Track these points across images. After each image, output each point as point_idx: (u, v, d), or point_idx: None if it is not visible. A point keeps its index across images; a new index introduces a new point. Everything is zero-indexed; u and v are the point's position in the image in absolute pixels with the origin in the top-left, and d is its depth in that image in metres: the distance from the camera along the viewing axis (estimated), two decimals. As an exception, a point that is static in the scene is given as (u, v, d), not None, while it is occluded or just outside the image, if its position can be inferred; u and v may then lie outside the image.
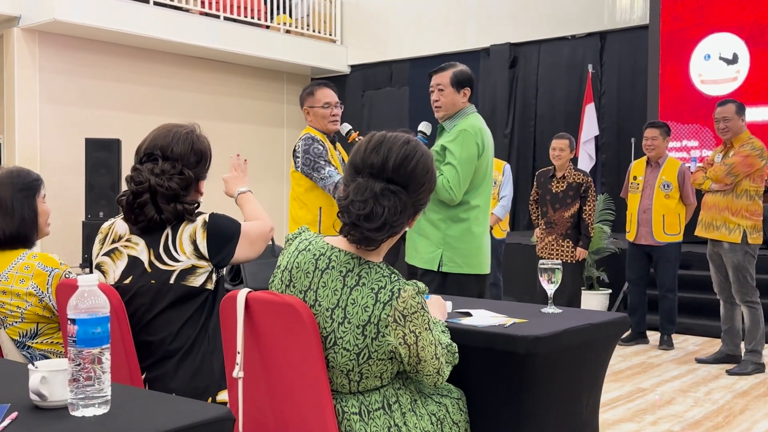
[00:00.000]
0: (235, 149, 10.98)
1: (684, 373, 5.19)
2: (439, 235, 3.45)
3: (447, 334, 2.07)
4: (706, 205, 5.24)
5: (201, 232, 2.11)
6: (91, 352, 1.35)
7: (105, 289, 2.06)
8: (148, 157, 2.18)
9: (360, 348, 1.78)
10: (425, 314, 1.81)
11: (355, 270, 1.82)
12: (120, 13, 8.96)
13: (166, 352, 2.07)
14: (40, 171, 8.67)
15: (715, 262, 5.29)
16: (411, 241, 3.60)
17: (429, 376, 1.88)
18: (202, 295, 2.10)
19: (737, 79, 8.13)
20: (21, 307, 2.33)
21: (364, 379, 1.82)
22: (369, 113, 11.60)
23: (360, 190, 1.80)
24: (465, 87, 3.53)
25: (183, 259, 2.08)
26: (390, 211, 1.79)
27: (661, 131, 5.94)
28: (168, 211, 2.11)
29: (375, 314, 1.77)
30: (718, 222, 5.12)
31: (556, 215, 5.92)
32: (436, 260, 3.45)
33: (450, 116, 3.56)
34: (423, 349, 1.81)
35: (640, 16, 9.03)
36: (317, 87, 3.80)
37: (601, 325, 2.42)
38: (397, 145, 1.84)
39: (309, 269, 1.87)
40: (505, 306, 2.70)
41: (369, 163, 1.82)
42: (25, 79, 8.90)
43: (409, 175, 1.83)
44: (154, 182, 2.10)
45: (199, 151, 2.23)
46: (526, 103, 10.03)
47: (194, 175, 2.20)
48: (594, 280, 7.12)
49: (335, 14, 11.72)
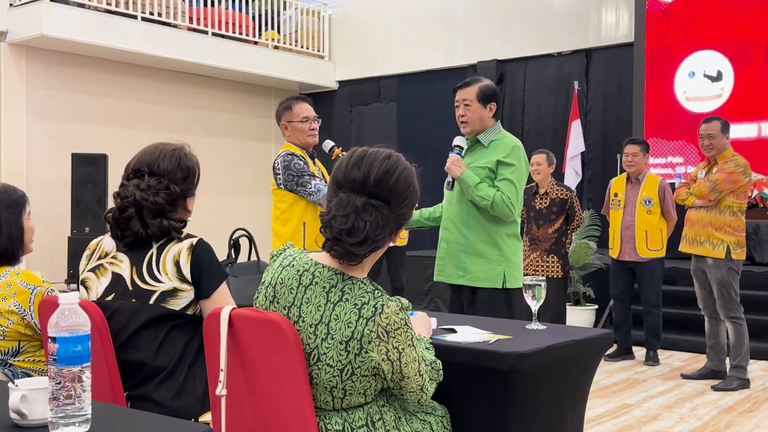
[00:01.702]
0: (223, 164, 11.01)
1: (670, 389, 5.20)
2: (498, 252, 3.42)
3: (431, 351, 2.07)
4: (690, 220, 5.27)
5: (186, 254, 2.09)
6: (71, 370, 1.34)
7: (88, 305, 2.05)
8: (135, 173, 2.18)
9: (343, 364, 1.78)
10: (408, 330, 1.81)
11: (338, 286, 1.82)
12: (108, 28, 8.97)
13: (148, 372, 2.05)
14: (27, 186, 8.64)
15: (699, 277, 5.32)
16: (452, 259, 3.51)
17: (412, 393, 1.87)
18: (183, 318, 2.08)
19: (721, 96, 8.22)
20: (2, 324, 2.32)
21: (348, 395, 1.82)
22: (357, 129, 11.63)
23: (342, 205, 1.81)
24: (491, 102, 3.51)
25: (165, 281, 2.06)
26: (372, 226, 1.80)
27: (641, 147, 5.98)
28: (154, 226, 2.10)
29: (358, 330, 1.77)
30: (702, 237, 5.16)
31: (540, 231, 5.95)
32: (500, 277, 3.41)
33: (479, 131, 3.52)
34: (406, 366, 1.81)
35: (626, 34, 9.12)
36: (294, 101, 3.79)
37: (584, 341, 2.43)
38: (378, 160, 1.85)
39: (293, 285, 1.87)
40: (490, 322, 2.71)
41: (351, 178, 1.84)
42: (11, 94, 8.88)
43: (391, 190, 1.84)
44: (139, 197, 2.10)
45: (186, 167, 2.22)
46: (513, 119, 10.08)
47: (181, 191, 2.18)
48: (580, 296, 7.14)
49: (323, 30, 11.77)
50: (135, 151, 2.29)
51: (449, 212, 3.56)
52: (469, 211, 3.46)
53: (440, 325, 2.56)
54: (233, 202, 10.58)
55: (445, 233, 3.56)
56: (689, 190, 5.27)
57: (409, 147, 10.82)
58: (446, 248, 3.54)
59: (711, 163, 5.24)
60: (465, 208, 3.47)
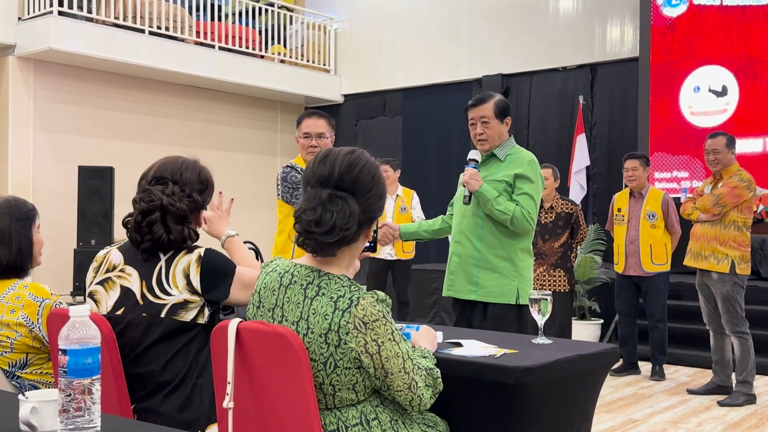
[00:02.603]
0: (229, 177, 11.04)
1: (676, 404, 5.18)
2: (512, 267, 3.39)
3: (430, 360, 2.06)
4: (695, 235, 5.27)
5: (195, 266, 2.11)
6: (81, 382, 1.35)
7: (96, 319, 2.06)
8: (157, 180, 2.21)
9: (325, 357, 1.81)
10: (388, 324, 1.83)
11: (315, 282, 1.88)
12: (115, 42, 9.03)
13: (156, 385, 2.06)
14: (33, 198, 8.68)
15: (704, 292, 5.31)
16: (464, 273, 3.47)
17: (400, 393, 1.87)
18: (194, 330, 2.10)
19: (726, 111, 8.23)
20: (11, 337, 2.33)
21: (338, 391, 1.84)
22: (362, 142, 11.65)
23: (310, 199, 1.89)
24: (507, 116, 3.49)
25: (175, 293, 2.08)
26: (339, 216, 1.86)
27: (641, 162, 5.98)
28: (177, 232, 2.13)
29: (335, 321, 1.81)
30: (707, 252, 5.15)
31: (546, 246, 5.95)
32: (513, 293, 3.38)
33: (496, 146, 3.49)
34: (387, 360, 1.82)
35: (630, 49, 9.15)
36: (304, 117, 3.79)
37: (591, 356, 2.42)
38: (342, 155, 1.93)
39: (275, 287, 1.93)
40: (496, 336, 2.71)
41: (317, 174, 1.92)
42: (19, 107, 8.94)
43: (355, 181, 1.91)
44: (166, 201, 2.14)
45: (205, 179, 2.30)
46: (519, 133, 10.10)
47: (201, 201, 2.26)
48: (586, 310, 7.13)
49: (329, 44, 11.83)
50: (142, 164, 2.32)
51: (462, 226, 3.50)
52: (484, 225, 3.42)
53: (446, 338, 2.56)
54: (239, 215, 10.54)
55: (457, 247, 3.50)
56: (694, 205, 5.27)
57: (415, 160, 10.86)
58: (458, 262, 3.49)
59: (717, 178, 5.25)
60: (479, 222, 3.43)
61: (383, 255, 7.11)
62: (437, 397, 2.03)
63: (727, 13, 8.21)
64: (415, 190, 7.39)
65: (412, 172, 10.68)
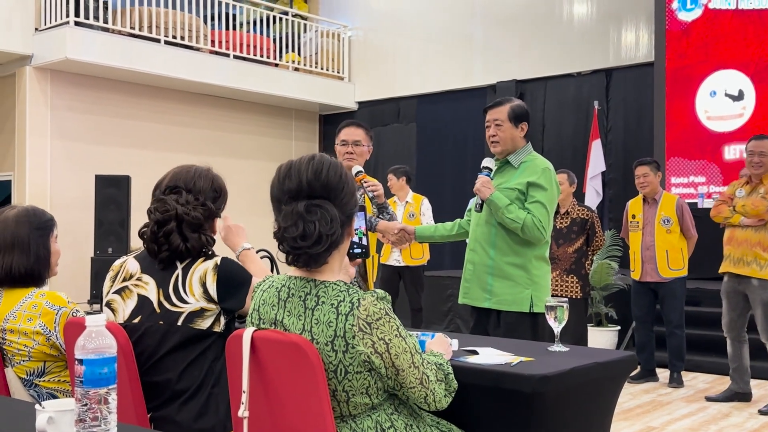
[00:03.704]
0: (244, 185, 11.08)
1: (694, 411, 5.14)
2: (526, 275, 3.38)
3: (440, 357, 2.05)
4: (736, 240, 5.12)
5: (212, 275, 2.12)
6: (97, 392, 1.35)
7: (113, 328, 2.07)
8: (170, 189, 2.23)
9: (335, 364, 1.81)
10: (392, 320, 1.83)
11: (312, 292, 1.88)
12: (131, 51, 9.10)
13: (172, 393, 2.06)
14: (50, 207, 8.74)
15: (731, 299, 5.19)
16: (478, 281, 3.47)
17: (413, 389, 1.86)
18: (210, 338, 2.10)
19: (743, 116, 8.16)
20: (28, 345, 2.34)
21: (352, 397, 1.83)
22: (376, 149, 11.61)
23: (287, 216, 1.88)
24: (522, 121, 3.46)
25: (192, 301, 2.08)
26: (321, 224, 1.86)
27: (651, 167, 5.94)
28: (194, 240, 2.14)
29: (339, 327, 1.80)
30: (749, 258, 5.03)
31: (560, 251, 5.92)
32: (526, 301, 3.36)
33: (510, 151, 3.48)
34: (397, 357, 1.82)
35: (645, 54, 9.11)
36: (343, 126, 3.83)
37: (608, 363, 2.40)
38: (305, 165, 1.92)
39: (273, 302, 1.93)
40: (512, 344, 2.69)
41: (286, 190, 1.91)
42: (36, 116, 9.02)
43: (325, 186, 1.90)
44: (180, 211, 2.15)
45: (218, 188, 2.30)
46: (534, 138, 10.05)
47: (215, 209, 2.27)
48: (602, 317, 7.08)
49: (343, 52, 11.86)
50: (158, 173, 2.33)
51: (476, 233, 3.51)
52: (497, 232, 3.41)
53: (462, 346, 2.55)
54: (255, 223, 10.54)
55: (472, 255, 3.51)
56: (734, 209, 5.12)
57: (429, 167, 10.86)
58: (472, 270, 3.49)
59: (755, 183, 5.12)
60: (493, 230, 3.42)
61: (391, 261, 7.11)
62: (452, 404, 2.02)
63: (742, 16, 8.15)
64: (428, 197, 7.39)
65: (427, 178, 10.67)
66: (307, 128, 12.10)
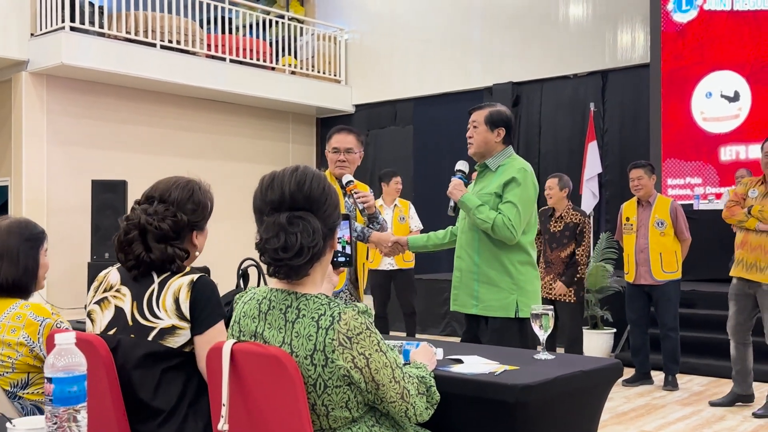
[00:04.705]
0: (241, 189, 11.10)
1: (688, 415, 5.13)
2: (511, 280, 3.38)
3: (423, 370, 2.05)
4: (749, 244, 5.03)
5: (186, 291, 2.07)
6: (67, 410, 1.35)
7: (95, 339, 2.06)
8: (146, 199, 2.21)
9: (314, 378, 1.80)
10: (372, 335, 1.83)
11: (293, 305, 1.87)
12: (127, 56, 9.10)
13: (148, 412, 2.04)
14: (47, 212, 8.75)
15: (740, 302, 5.13)
16: (465, 287, 3.50)
17: (394, 404, 1.86)
18: (180, 357, 2.06)
19: (739, 117, 8.17)
20: (12, 357, 2.34)
21: (331, 411, 1.83)
22: (374, 152, 11.67)
23: (269, 228, 1.87)
24: (499, 127, 3.48)
25: (164, 317, 2.05)
26: (303, 236, 1.85)
27: (645, 170, 5.93)
28: (157, 250, 2.09)
29: (319, 341, 1.80)
30: (763, 264, 4.95)
31: (553, 255, 5.92)
32: (512, 307, 3.37)
33: (485, 154, 3.51)
34: (377, 372, 1.81)
35: (641, 55, 9.11)
36: (333, 132, 3.83)
37: (592, 371, 2.40)
38: (288, 176, 1.92)
39: (254, 315, 1.93)
40: (498, 352, 2.69)
41: (269, 201, 1.90)
42: (33, 121, 9.02)
43: (308, 198, 1.90)
44: (144, 220, 2.11)
45: (198, 200, 2.22)
46: (530, 141, 10.07)
47: (189, 221, 2.18)
48: (598, 320, 7.08)
49: (340, 55, 11.86)
50: (155, 177, 2.31)
51: (461, 240, 3.54)
52: (480, 239, 3.43)
53: (447, 354, 2.54)
54: (250, 227, 10.57)
55: (459, 262, 3.54)
56: (749, 212, 5.02)
57: (426, 169, 10.86)
58: (460, 277, 3.52)
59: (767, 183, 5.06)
60: (476, 236, 3.45)
61: (384, 266, 7.08)
62: (436, 415, 2.02)
63: (737, 17, 8.15)
64: (424, 199, 7.39)
65: (423, 181, 10.68)
66: (305, 131, 12.11)
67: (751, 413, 5.08)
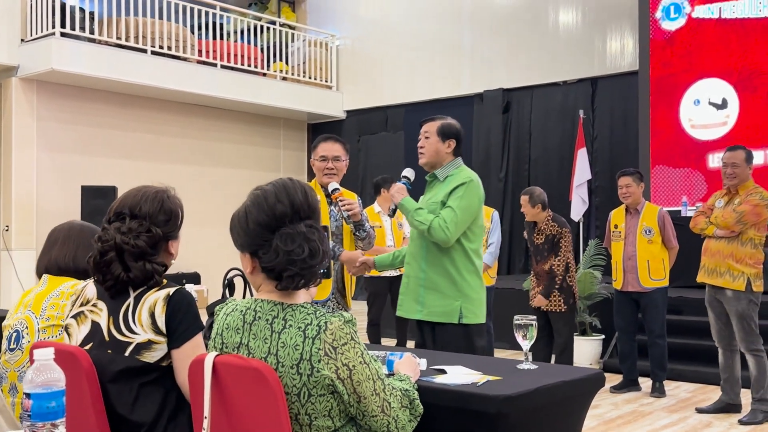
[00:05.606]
0: (232, 194, 11.08)
1: (675, 422, 5.15)
2: (455, 287, 3.45)
3: (407, 383, 2.07)
4: (709, 251, 5.17)
5: (162, 305, 2.06)
6: (45, 425, 1.36)
7: (77, 351, 2.06)
8: (117, 216, 2.17)
9: (298, 388, 1.81)
10: (357, 346, 1.84)
11: (280, 315, 1.89)
12: (118, 62, 9.11)
13: (128, 425, 2.03)
14: (36, 218, 8.73)
15: (715, 308, 5.22)
16: (411, 293, 3.57)
17: (375, 417, 1.87)
18: (156, 372, 2.06)
19: (727, 124, 8.22)
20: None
21: (314, 420, 1.84)
22: (365, 158, 11.70)
23: (290, 239, 1.88)
24: (450, 138, 3.59)
25: (140, 332, 2.04)
26: (320, 242, 1.91)
27: (634, 178, 5.97)
28: (136, 269, 2.08)
29: (306, 350, 1.81)
30: (722, 269, 5.06)
31: (538, 267, 5.93)
32: (456, 312, 3.44)
33: (435, 164, 3.62)
34: (359, 384, 1.82)
35: (630, 63, 9.16)
36: (320, 141, 3.85)
37: (575, 381, 2.41)
38: (290, 187, 1.96)
39: (238, 325, 1.94)
40: (483, 362, 2.70)
41: (279, 214, 1.91)
42: (22, 127, 9.01)
43: (311, 206, 1.96)
44: (119, 240, 2.08)
45: (168, 210, 2.19)
46: (520, 147, 10.11)
47: (163, 233, 2.16)
48: (587, 326, 7.10)
49: (331, 61, 11.89)
50: (145, 183, 2.29)
51: (411, 248, 3.64)
52: (428, 246, 3.51)
53: (431, 365, 2.56)
54: (242, 232, 10.63)
55: (408, 268, 3.63)
56: (709, 220, 5.17)
57: (417, 175, 10.86)
58: (407, 283, 3.61)
59: (732, 193, 5.15)
60: (424, 243, 3.53)
61: (386, 273, 7.01)
62: (419, 425, 2.03)
63: (725, 25, 8.21)
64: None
65: (414, 186, 10.67)
66: (296, 137, 12.12)
67: (737, 420, 5.10)
